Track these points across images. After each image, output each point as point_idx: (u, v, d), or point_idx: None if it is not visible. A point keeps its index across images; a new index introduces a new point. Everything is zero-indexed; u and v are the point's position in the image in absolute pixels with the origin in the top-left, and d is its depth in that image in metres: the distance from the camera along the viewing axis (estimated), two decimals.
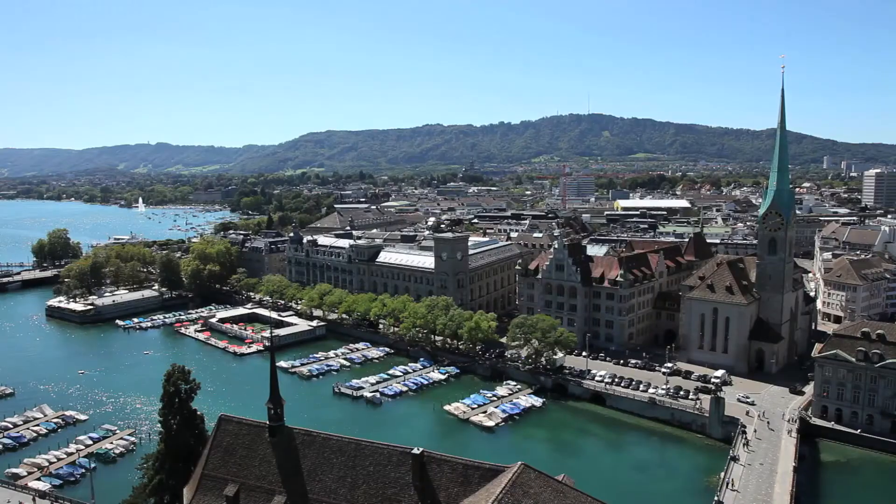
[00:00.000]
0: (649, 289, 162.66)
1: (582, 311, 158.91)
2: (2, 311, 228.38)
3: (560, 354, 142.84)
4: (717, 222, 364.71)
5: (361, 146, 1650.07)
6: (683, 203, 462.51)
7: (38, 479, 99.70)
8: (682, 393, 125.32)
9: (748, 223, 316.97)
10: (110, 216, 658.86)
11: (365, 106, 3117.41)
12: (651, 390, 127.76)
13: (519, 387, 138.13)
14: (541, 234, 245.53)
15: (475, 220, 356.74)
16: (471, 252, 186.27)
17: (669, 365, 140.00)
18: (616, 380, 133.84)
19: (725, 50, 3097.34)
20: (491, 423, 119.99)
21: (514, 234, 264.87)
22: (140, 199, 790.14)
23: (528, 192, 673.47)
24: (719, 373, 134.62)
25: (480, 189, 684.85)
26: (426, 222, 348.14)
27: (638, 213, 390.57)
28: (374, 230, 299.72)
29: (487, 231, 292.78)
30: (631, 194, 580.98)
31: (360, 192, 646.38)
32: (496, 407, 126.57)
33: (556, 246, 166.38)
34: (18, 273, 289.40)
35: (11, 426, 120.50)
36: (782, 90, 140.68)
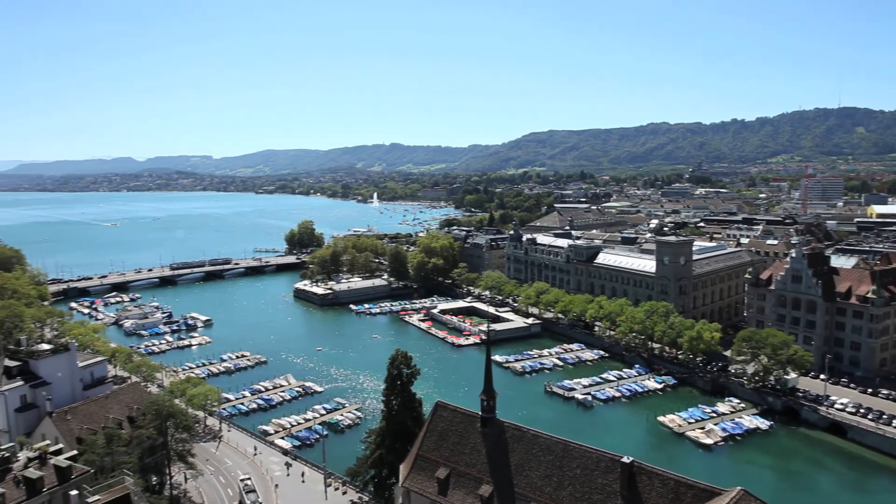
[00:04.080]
0: None
1: (821, 329, 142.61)
2: (259, 291, 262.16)
3: (792, 375, 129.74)
4: None
5: (583, 146, 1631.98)
6: None
7: (283, 438, 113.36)
8: None
9: None
10: (349, 210, 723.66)
11: (587, 105, 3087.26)
12: None
13: (742, 405, 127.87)
14: (776, 241, 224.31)
15: (701, 224, 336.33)
16: (695, 257, 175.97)
17: None
18: (862, 410, 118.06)
19: None
20: (709, 441, 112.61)
21: (744, 240, 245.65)
22: (375, 195, 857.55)
23: (763, 195, 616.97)
24: None
25: (708, 191, 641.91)
26: (648, 224, 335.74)
27: None
28: (594, 231, 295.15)
29: (714, 236, 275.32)
30: (890, 199, 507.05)
31: (581, 192, 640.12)
32: (716, 424, 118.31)
33: (794, 254, 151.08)
34: (273, 258, 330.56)
35: (263, 389, 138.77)
36: None
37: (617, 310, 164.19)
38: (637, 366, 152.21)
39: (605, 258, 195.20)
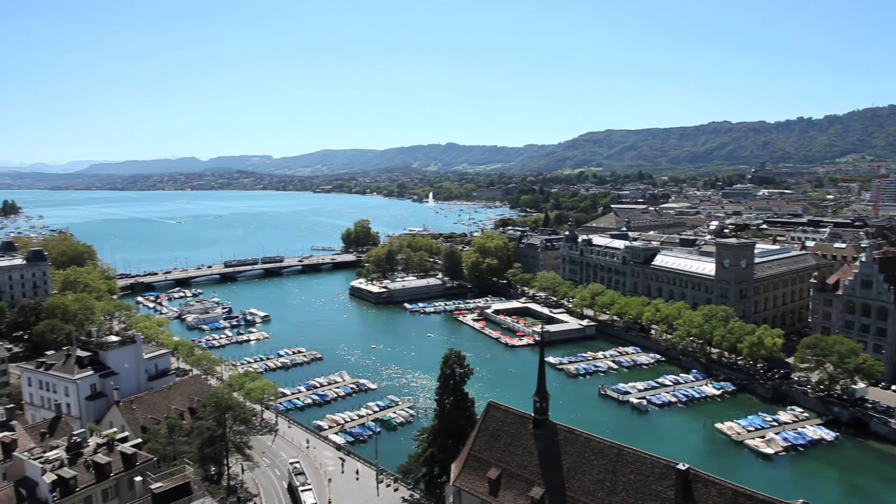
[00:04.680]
0: None
1: (893, 338, 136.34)
2: (316, 288, 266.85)
3: (861, 385, 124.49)
4: None
5: (641, 145, 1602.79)
6: None
7: (336, 433, 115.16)
8: None
9: None
10: (404, 209, 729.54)
11: (646, 104, 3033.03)
12: None
13: (806, 414, 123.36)
14: (844, 245, 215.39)
15: (764, 226, 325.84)
16: (757, 260, 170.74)
17: None
18: None
19: None
20: (769, 451, 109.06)
21: (809, 244, 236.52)
22: (430, 195, 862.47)
23: (830, 197, 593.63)
24: None
25: (772, 192, 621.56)
26: (708, 226, 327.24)
27: None
28: (651, 232, 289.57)
29: (778, 238, 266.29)
30: None
31: (638, 193, 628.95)
32: (777, 433, 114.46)
33: (864, 259, 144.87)
34: (330, 256, 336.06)
35: (318, 385, 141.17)
36: None
37: (674, 313, 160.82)
38: (694, 371, 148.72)
39: (662, 260, 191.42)
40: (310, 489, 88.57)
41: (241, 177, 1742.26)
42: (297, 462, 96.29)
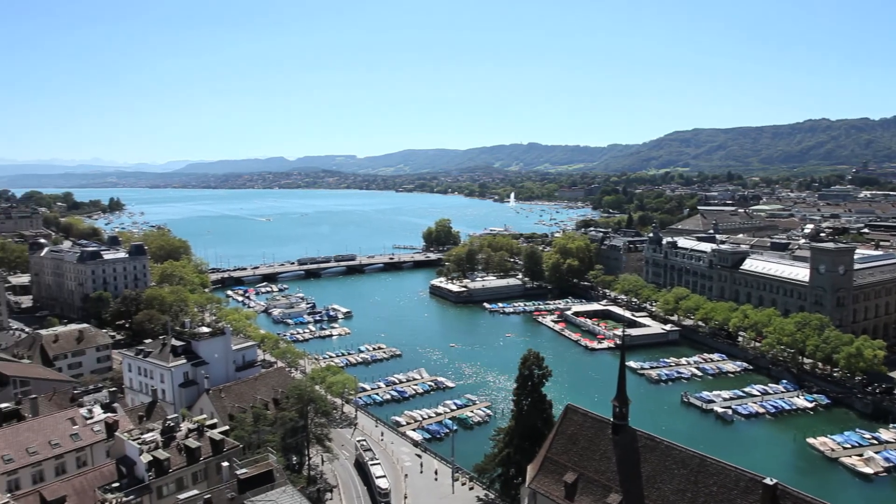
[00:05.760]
0: None
1: None
2: (397, 286, 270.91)
3: None
4: None
5: (731, 145, 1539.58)
6: None
7: (414, 430, 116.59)
8: None
9: None
10: (485, 209, 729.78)
11: (736, 102, 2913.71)
12: None
13: None
14: None
15: (865, 230, 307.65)
16: (857, 267, 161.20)
17: None
18: None
19: None
20: (868, 470, 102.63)
21: None
22: (512, 195, 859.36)
23: None
24: None
25: (875, 193, 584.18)
26: (802, 230, 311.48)
27: None
28: (741, 235, 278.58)
29: (881, 243, 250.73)
30: None
31: (727, 194, 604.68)
32: (877, 452, 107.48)
33: None
34: (411, 255, 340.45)
35: (397, 382, 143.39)
36: None
37: (764, 320, 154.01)
38: (784, 381, 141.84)
39: (752, 264, 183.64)
40: (378, 463, 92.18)
41: (326, 176, 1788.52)
42: (364, 439, 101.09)
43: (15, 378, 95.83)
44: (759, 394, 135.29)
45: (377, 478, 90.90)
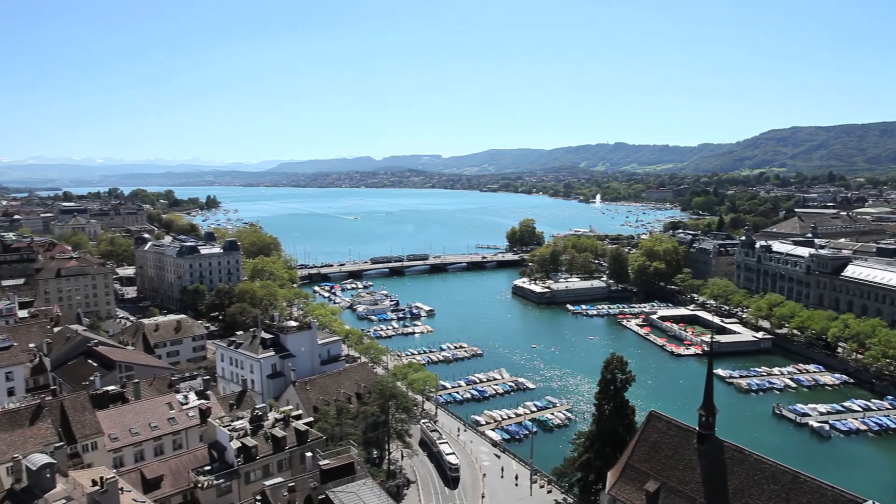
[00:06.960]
0: None
1: None
2: (480, 285, 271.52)
3: None
4: None
5: (833, 143, 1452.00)
6: None
7: (493, 430, 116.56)
8: None
9: None
10: (570, 210, 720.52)
11: (838, 97, 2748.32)
12: None
13: None
14: None
15: None
16: None
17: None
18: None
19: None
20: None
21: None
22: (598, 196, 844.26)
23: None
24: None
25: None
26: None
27: None
28: (842, 240, 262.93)
29: None
30: None
31: (828, 196, 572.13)
32: None
33: None
34: (494, 255, 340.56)
35: (478, 381, 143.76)
36: None
37: (867, 331, 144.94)
38: (890, 397, 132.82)
39: (854, 271, 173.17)
40: (446, 442, 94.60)
41: (411, 175, 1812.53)
42: (428, 422, 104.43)
43: (121, 363, 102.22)
44: (860, 409, 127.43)
45: (447, 455, 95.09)
